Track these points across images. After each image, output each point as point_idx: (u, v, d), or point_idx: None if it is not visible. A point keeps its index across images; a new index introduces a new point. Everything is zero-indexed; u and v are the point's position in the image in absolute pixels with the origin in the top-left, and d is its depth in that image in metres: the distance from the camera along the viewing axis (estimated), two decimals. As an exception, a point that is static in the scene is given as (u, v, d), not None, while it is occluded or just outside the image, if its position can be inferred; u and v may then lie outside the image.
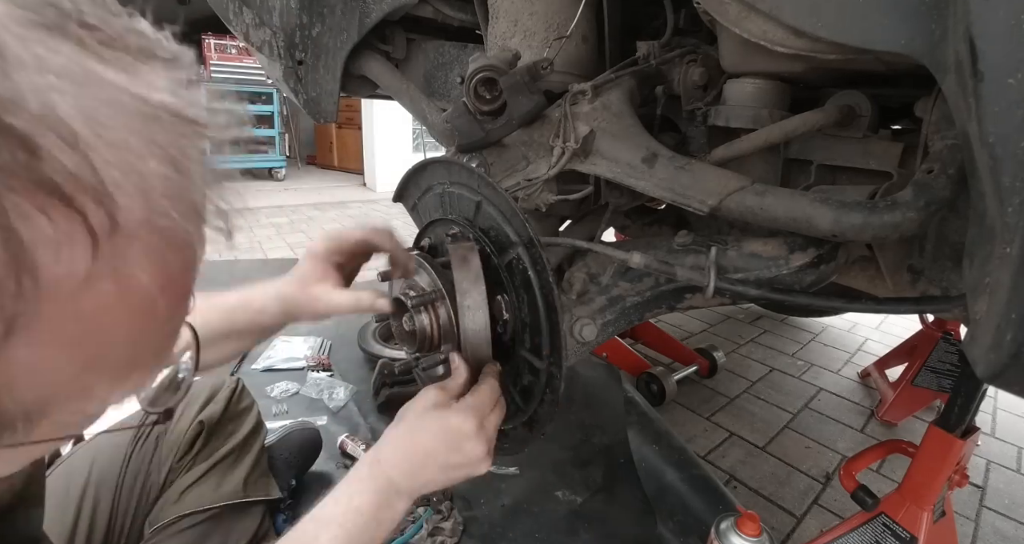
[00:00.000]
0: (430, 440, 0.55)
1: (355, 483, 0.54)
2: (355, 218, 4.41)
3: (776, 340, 2.37)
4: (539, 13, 0.89)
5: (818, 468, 1.53)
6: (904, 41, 0.48)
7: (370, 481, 0.54)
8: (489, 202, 0.65)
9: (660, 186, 0.74)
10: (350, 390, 1.65)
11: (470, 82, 0.78)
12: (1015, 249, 0.39)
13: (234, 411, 1.01)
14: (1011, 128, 0.37)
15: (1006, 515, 1.42)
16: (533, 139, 0.84)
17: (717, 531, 0.94)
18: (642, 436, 1.42)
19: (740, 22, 0.62)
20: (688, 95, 0.87)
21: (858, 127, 0.72)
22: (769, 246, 0.72)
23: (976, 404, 0.97)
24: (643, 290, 0.81)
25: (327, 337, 2.01)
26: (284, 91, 1.15)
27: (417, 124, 5.59)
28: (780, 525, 1.32)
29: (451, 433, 0.55)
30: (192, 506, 0.88)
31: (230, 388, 1.03)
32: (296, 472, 1.22)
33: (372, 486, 0.54)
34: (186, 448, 0.93)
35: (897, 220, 0.56)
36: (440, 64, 1.24)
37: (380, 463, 0.55)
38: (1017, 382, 0.45)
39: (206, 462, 0.94)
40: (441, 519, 1.14)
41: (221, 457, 0.95)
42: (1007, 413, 1.90)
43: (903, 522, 0.98)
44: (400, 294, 0.65)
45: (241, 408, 1.04)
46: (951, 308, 0.60)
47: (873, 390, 1.97)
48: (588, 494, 1.28)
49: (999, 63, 0.36)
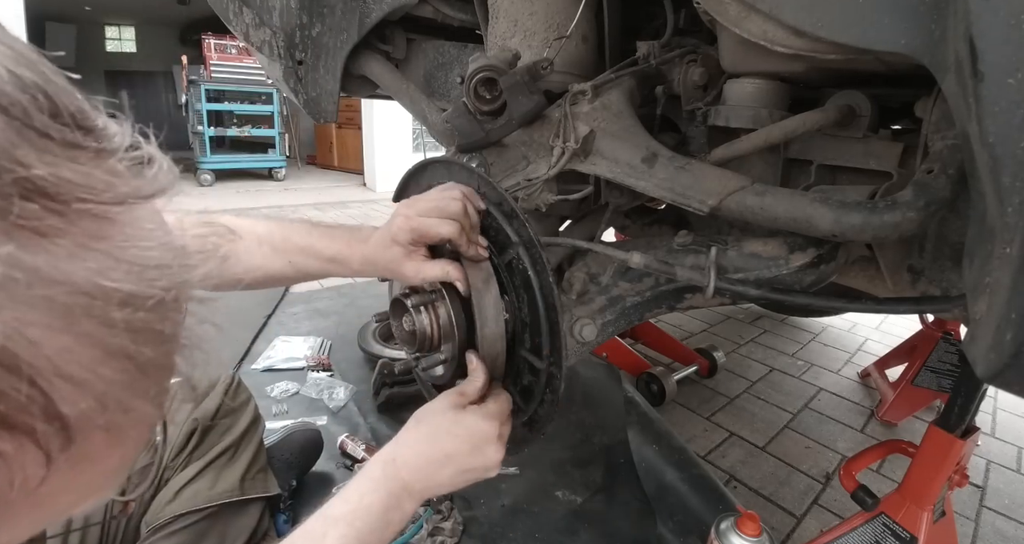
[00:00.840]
0: (452, 442, 0.56)
1: (367, 482, 0.54)
2: (355, 218, 4.41)
3: (776, 340, 2.37)
4: (539, 13, 0.89)
5: (818, 468, 1.53)
6: (904, 41, 0.48)
7: (383, 481, 0.54)
8: (489, 202, 0.65)
9: (660, 186, 0.74)
10: (350, 390, 1.65)
11: (470, 82, 0.78)
12: (1015, 249, 0.39)
13: (230, 407, 1.00)
14: (1011, 128, 0.37)
15: (1006, 515, 1.41)
16: (533, 139, 0.84)
17: (717, 531, 0.94)
18: (642, 436, 1.42)
19: (740, 22, 0.62)
20: (688, 95, 0.87)
21: (858, 127, 0.72)
22: (769, 246, 0.72)
23: (976, 404, 0.97)
24: (643, 290, 0.81)
25: (327, 337, 2.01)
26: (284, 91, 1.15)
27: (417, 124, 5.59)
28: (780, 525, 1.32)
29: (476, 437, 0.56)
30: (188, 505, 0.88)
31: (225, 384, 1.02)
32: (297, 473, 1.22)
33: (384, 486, 0.54)
34: (181, 445, 0.92)
35: (897, 220, 0.56)
36: (440, 64, 1.24)
37: (395, 463, 0.55)
38: (1017, 382, 0.44)
39: (202, 460, 0.93)
40: (441, 519, 1.14)
41: (217, 454, 0.94)
42: (1007, 413, 1.90)
43: (903, 522, 0.98)
44: (400, 294, 0.65)
45: (237, 404, 1.02)
46: (951, 308, 0.61)
47: (873, 390, 1.97)
48: (588, 494, 1.28)
49: (999, 63, 0.36)
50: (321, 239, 0.65)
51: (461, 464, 0.56)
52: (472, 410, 0.58)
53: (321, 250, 0.65)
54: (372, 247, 0.64)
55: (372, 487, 0.54)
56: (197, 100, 5.34)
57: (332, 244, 0.65)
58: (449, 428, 0.56)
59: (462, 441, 0.56)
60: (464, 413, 0.57)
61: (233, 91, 5.85)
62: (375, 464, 0.56)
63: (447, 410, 0.58)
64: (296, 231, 0.66)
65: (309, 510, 0.53)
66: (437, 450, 0.56)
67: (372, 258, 0.64)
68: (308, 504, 1.17)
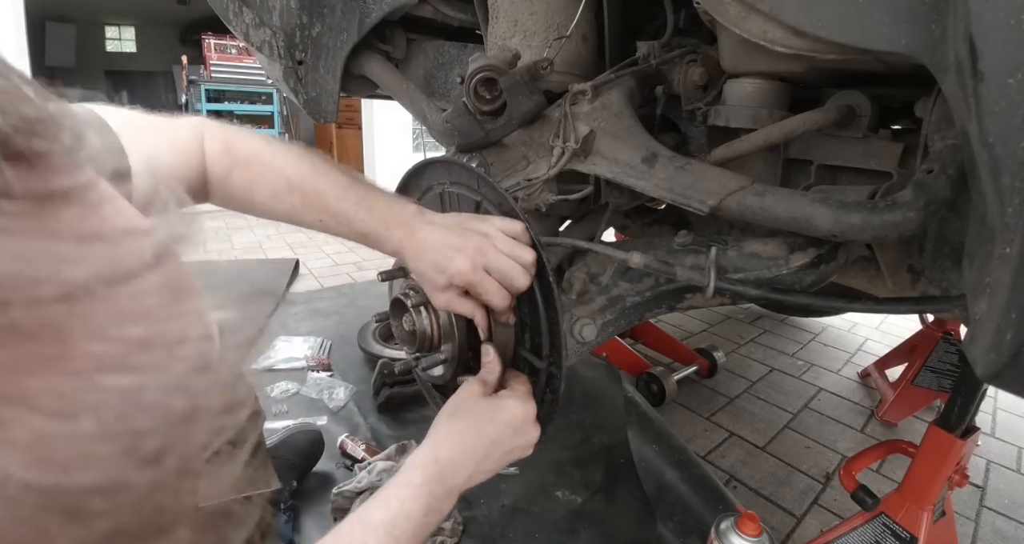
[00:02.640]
0: (496, 428, 0.56)
1: (408, 487, 0.53)
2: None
3: (776, 340, 2.37)
4: (539, 13, 0.89)
5: (818, 468, 1.53)
6: (904, 41, 0.48)
7: (424, 486, 0.53)
8: (489, 202, 0.65)
9: (660, 186, 0.74)
10: (350, 390, 1.65)
11: (470, 82, 0.78)
12: (1015, 249, 0.39)
13: None
14: (1011, 128, 0.37)
15: (1006, 515, 1.41)
16: (533, 139, 0.84)
17: (717, 531, 0.94)
18: (642, 436, 1.42)
19: (740, 22, 0.62)
20: (688, 95, 0.87)
21: (858, 127, 0.72)
22: (769, 246, 0.72)
23: (976, 404, 0.97)
24: (643, 290, 0.81)
25: (327, 337, 2.01)
26: (284, 91, 1.15)
27: (417, 124, 5.58)
28: (780, 525, 1.32)
29: (517, 419, 0.57)
30: None
31: None
32: (298, 474, 1.21)
33: (425, 490, 0.53)
34: None
35: (897, 220, 0.56)
36: (440, 64, 1.24)
37: (438, 463, 0.54)
38: (1017, 382, 0.44)
39: None
40: (441, 519, 1.14)
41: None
42: (1007, 413, 1.90)
43: (903, 522, 0.98)
44: (400, 294, 0.65)
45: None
46: (951, 308, 0.61)
47: (873, 390, 1.97)
48: (588, 494, 1.28)
49: (999, 63, 0.36)
50: (358, 209, 0.58)
51: (505, 447, 0.57)
52: (506, 394, 0.58)
53: (355, 223, 0.58)
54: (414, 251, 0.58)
55: (413, 493, 0.52)
56: (197, 100, 5.34)
57: (369, 220, 0.58)
58: (490, 416, 0.56)
59: (505, 425, 0.56)
60: (499, 399, 0.58)
61: (233, 91, 5.85)
62: (415, 469, 0.54)
63: (480, 399, 0.58)
64: (331, 187, 0.59)
65: (310, 510, 0.53)
66: (482, 439, 0.55)
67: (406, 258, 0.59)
68: (309, 505, 1.17)
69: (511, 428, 0.56)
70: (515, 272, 0.56)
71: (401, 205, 0.60)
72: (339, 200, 0.58)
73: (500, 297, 0.57)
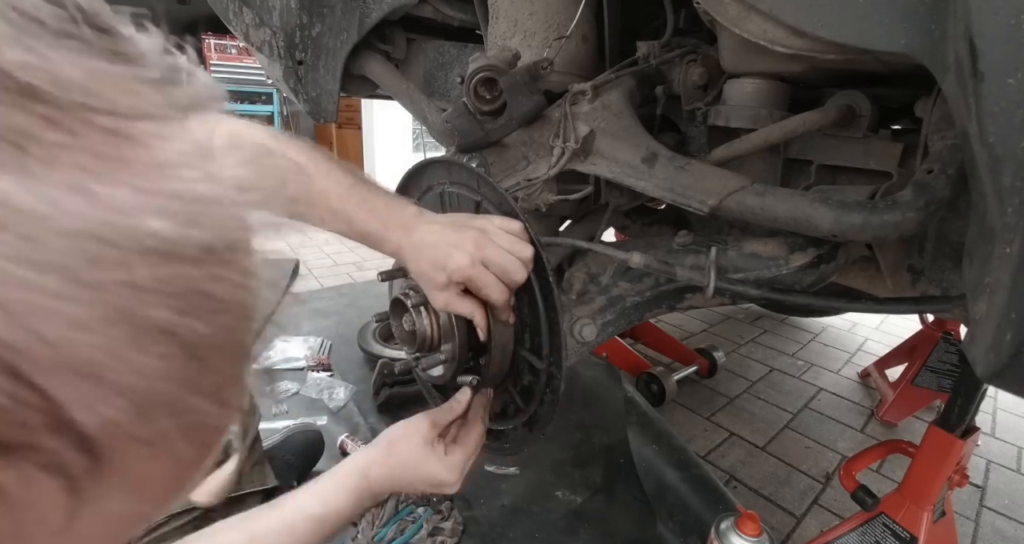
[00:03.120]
0: (417, 477, 0.62)
1: (342, 491, 0.61)
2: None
3: (776, 340, 2.37)
4: (539, 13, 0.89)
5: (818, 468, 1.53)
6: (904, 41, 0.48)
7: (355, 491, 0.61)
8: (489, 202, 0.65)
9: (660, 186, 0.74)
10: (350, 390, 1.65)
11: (470, 82, 0.78)
12: (1015, 249, 0.39)
13: None
14: (1011, 128, 0.37)
15: (1006, 515, 1.42)
16: (533, 139, 0.84)
17: (717, 531, 0.94)
18: (642, 436, 1.42)
19: (740, 22, 0.62)
20: (688, 95, 0.87)
21: (858, 127, 0.72)
22: (769, 246, 0.72)
23: (976, 404, 0.97)
24: (643, 290, 0.81)
25: (327, 337, 2.01)
26: (284, 91, 1.15)
27: (417, 124, 5.59)
28: (780, 525, 1.32)
29: (434, 480, 0.62)
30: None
31: None
32: (298, 474, 1.21)
33: (356, 495, 0.61)
34: None
35: (897, 220, 0.56)
36: (440, 64, 1.24)
37: (368, 479, 0.61)
38: (1017, 382, 0.45)
39: None
40: (441, 519, 1.14)
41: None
42: (1007, 413, 1.90)
43: (903, 522, 0.98)
44: (400, 294, 0.65)
45: None
46: (951, 308, 0.61)
47: (873, 390, 1.97)
48: (588, 494, 1.28)
49: (999, 63, 0.36)
50: (359, 210, 0.58)
51: (422, 488, 0.64)
52: (438, 456, 0.62)
53: (356, 223, 0.59)
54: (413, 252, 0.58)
55: (345, 496, 0.60)
56: (197, 100, 5.33)
57: (370, 220, 0.59)
58: (416, 465, 0.61)
59: (422, 481, 0.62)
60: (430, 457, 0.61)
61: (233, 91, 5.85)
62: (352, 474, 0.62)
63: (417, 445, 0.62)
64: (333, 185, 0.59)
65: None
66: (404, 478, 0.62)
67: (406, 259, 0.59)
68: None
69: (428, 484, 0.62)
70: (513, 266, 0.57)
71: (402, 206, 0.61)
72: (341, 199, 0.59)
73: (499, 291, 0.57)
